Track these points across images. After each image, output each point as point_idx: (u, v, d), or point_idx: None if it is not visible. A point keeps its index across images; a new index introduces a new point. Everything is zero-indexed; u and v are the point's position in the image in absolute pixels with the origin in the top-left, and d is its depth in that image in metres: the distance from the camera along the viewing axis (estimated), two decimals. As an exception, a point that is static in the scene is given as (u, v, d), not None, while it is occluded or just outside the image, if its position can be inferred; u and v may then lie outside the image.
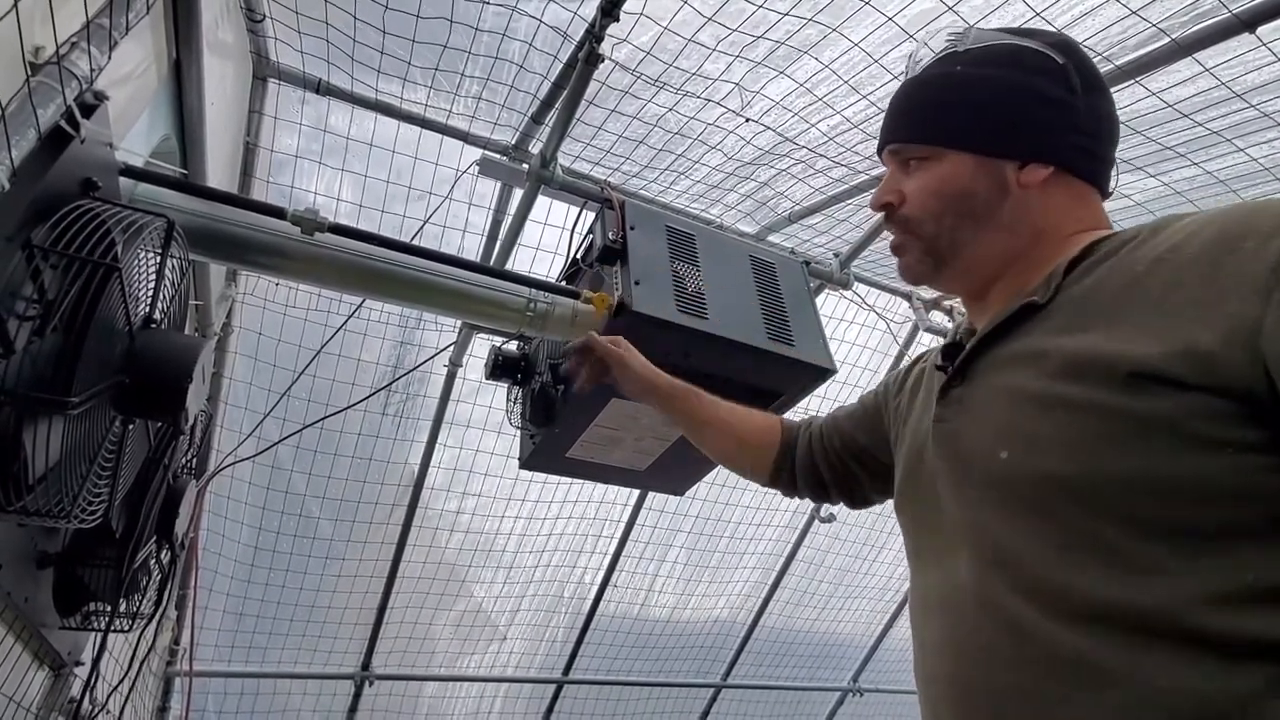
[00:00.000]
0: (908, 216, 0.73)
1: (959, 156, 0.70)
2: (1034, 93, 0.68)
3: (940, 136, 0.71)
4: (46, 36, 0.76)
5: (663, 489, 1.96)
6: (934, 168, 0.71)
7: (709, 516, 3.20)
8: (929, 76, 0.74)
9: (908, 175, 0.74)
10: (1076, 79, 0.68)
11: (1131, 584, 0.50)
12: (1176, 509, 0.50)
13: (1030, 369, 0.60)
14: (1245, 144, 1.61)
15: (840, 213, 2.22)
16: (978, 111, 0.69)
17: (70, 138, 0.80)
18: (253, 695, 2.74)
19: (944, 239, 0.71)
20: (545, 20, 1.54)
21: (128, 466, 1.00)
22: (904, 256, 0.75)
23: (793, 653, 3.72)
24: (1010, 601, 0.56)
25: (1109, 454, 0.52)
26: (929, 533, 0.68)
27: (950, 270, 0.73)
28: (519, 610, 3.13)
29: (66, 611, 1.22)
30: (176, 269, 0.98)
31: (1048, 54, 0.68)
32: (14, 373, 0.70)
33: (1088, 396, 0.54)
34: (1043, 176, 0.67)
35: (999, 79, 0.69)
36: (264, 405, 2.19)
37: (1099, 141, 0.69)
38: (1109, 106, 0.70)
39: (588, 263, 1.56)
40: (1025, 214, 0.68)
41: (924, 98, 0.74)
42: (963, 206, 0.69)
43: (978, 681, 0.57)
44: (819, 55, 1.59)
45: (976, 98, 0.70)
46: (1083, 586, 0.52)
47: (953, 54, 0.73)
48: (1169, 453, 0.50)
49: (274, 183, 1.98)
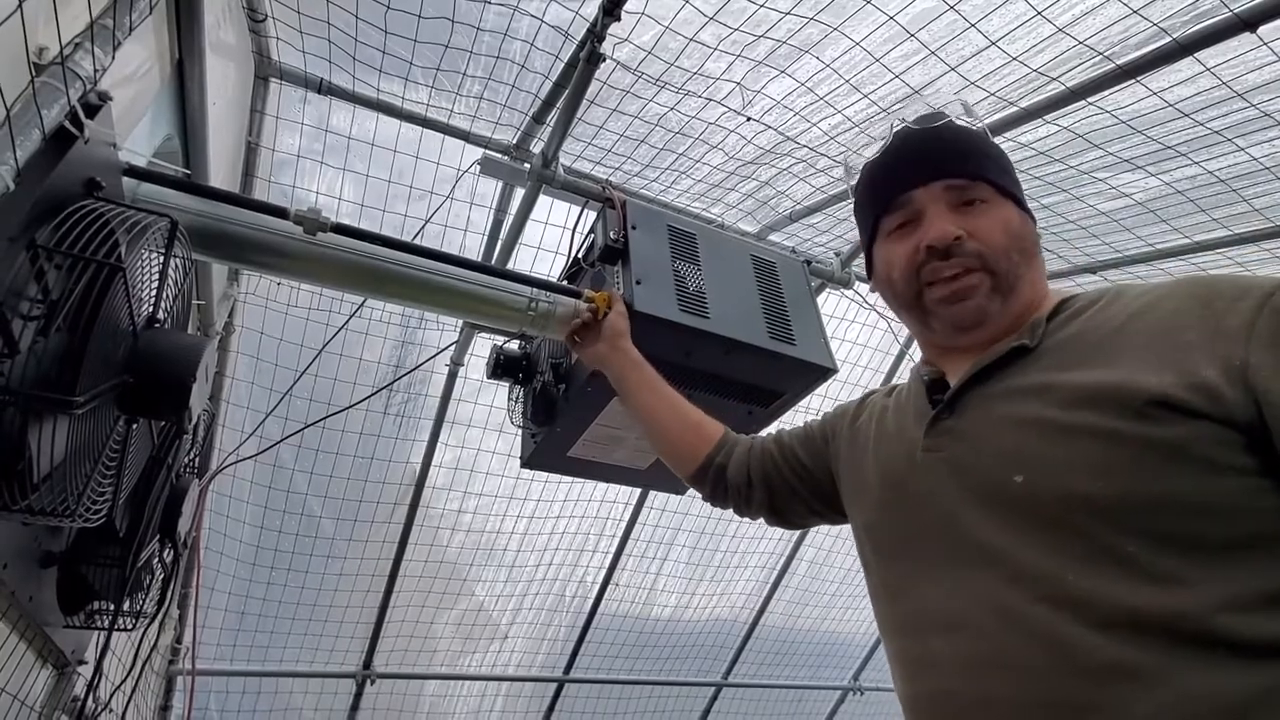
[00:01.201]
0: (983, 251, 0.74)
1: (1012, 205, 0.77)
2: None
3: (1002, 181, 0.77)
4: (50, 37, 0.76)
5: (664, 488, 1.96)
6: (999, 208, 0.76)
7: (711, 516, 3.20)
8: (969, 129, 0.80)
9: (963, 215, 0.76)
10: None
11: (1155, 592, 0.54)
12: (1190, 524, 0.55)
13: (1038, 400, 0.65)
14: (1246, 143, 1.61)
15: (841, 212, 2.22)
16: (1009, 167, 0.80)
17: (74, 138, 0.80)
18: (255, 694, 2.75)
19: (1012, 274, 0.74)
20: (547, 20, 1.54)
21: (131, 466, 1.01)
22: (974, 297, 0.74)
23: (794, 651, 3.72)
24: (1036, 612, 0.59)
25: (1135, 475, 0.57)
26: (920, 555, 0.71)
27: (1007, 309, 0.74)
28: (520, 609, 3.13)
29: (70, 610, 1.22)
30: (180, 269, 0.99)
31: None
32: (19, 372, 0.71)
33: (1108, 424, 0.59)
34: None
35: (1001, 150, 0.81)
36: (266, 404, 2.19)
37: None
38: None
39: (589, 262, 1.56)
40: (1042, 265, 0.78)
41: (974, 145, 0.79)
42: (1023, 245, 0.75)
43: (1005, 695, 0.59)
44: (820, 54, 1.59)
45: (1004, 156, 0.80)
46: (1108, 595, 0.56)
47: (970, 115, 0.83)
48: (1183, 474, 0.56)
49: (276, 182, 1.98)
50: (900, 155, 0.81)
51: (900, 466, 0.77)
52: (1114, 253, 2.12)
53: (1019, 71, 1.54)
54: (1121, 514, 0.57)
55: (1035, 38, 1.45)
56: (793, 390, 1.56)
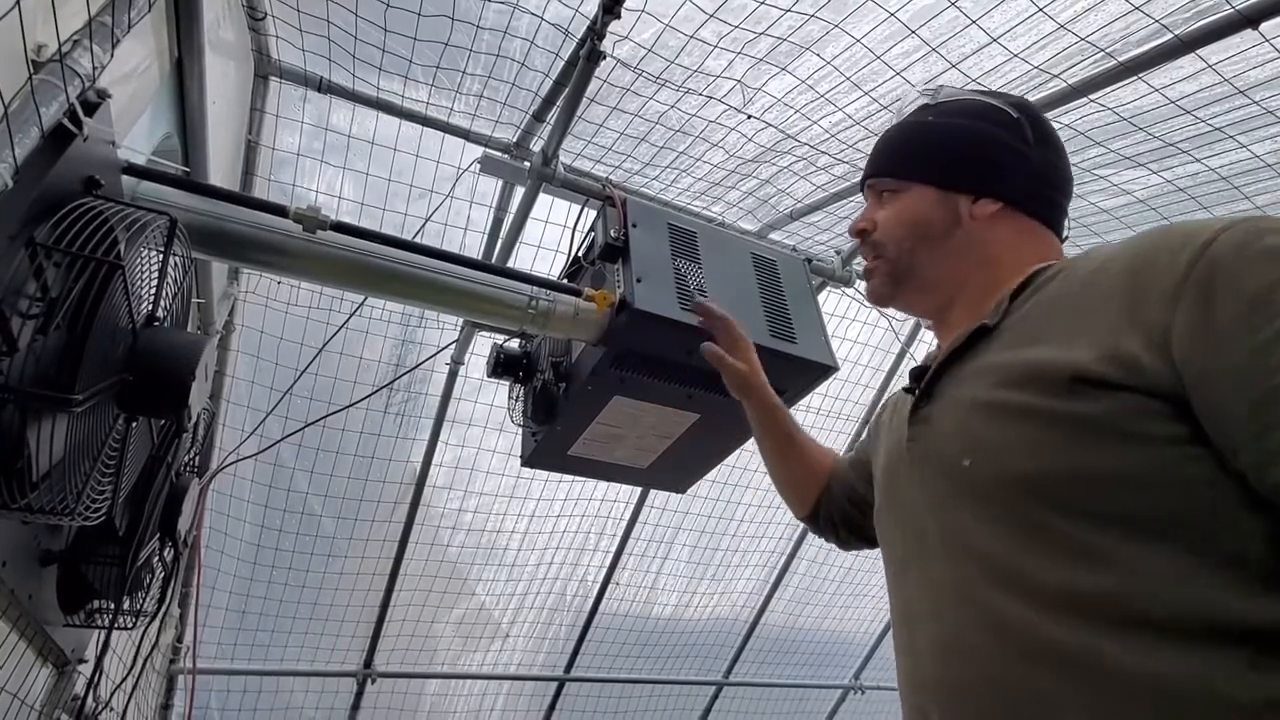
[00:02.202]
0: (876, 241, 0.84)
1: (922, 189, 0.81)
2: (990, 139, 0.79)
3: (907, 171, 0.82)
4: (49, 35, 0.76)
5: (665, 487, 1.96)
6: (901, 198, 0.82)
7: (711, 515, 3.20)
8: (905, 123, 0.86)
9: (880, 206, 0.85)
10: (1030, 132, 0.79)
11: (1086, 572, 0.54)
12: (1116, 499, 0.54)
13: (982, 382, 0.66)
14: (1248, 140, 1.61)
15: (842, 210, 2.21)
16: (940, 151, 0.81)
17: (73, 136, 0.80)
18: (255, 693, 2.75)
19: (903, 261, 0.81)
20: (547, 18, 1.54)
21: (131, 464, 1.00)
22: (871, 280, 0.86)
23: (794, 650, 3.72)
24: (988, 596, 0.60)
25: (1060, 453, 0.57)
26: (910, 547, 0.72)
27: (906, 290, 0.83)
28: (521, 608, 3.13)
29: (70, 609, 1.22)
30: (179, 267, 0.98)
31: (1006, 110, 0.80)
32: (17, 370, 0.70)
33: (1034, 402, 0.59)
34: (991, 211, 0.77)
35: (961, 126, 0.80)
36: (266, 403, 2.19)
37: (1049, 187, 0.79)
38: (1059, 160, 0.81)
39: (589, 260, 1.56)
40: (973, 243, 0.78)
41: (899, 140, 0.86)
42: (920, 232, 0.80)
43: (965, 678, 0.60)
44: (821, 51, 1.58)
45: (940, 140, 0.81)
46: (1045, 575, 0.56)
47: (926, 106, 0.85)
48: (1107, 449, 0.55)
49: (275, 181, 1.98)
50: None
51: (894, 459, 0.79)
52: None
53: (1020, 68, 1.54)
54: (1049, 492, 0.57)
55: (1036, 34, 1.45)
56: (794, 388, 1.55)
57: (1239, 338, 0.51)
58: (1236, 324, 0.51)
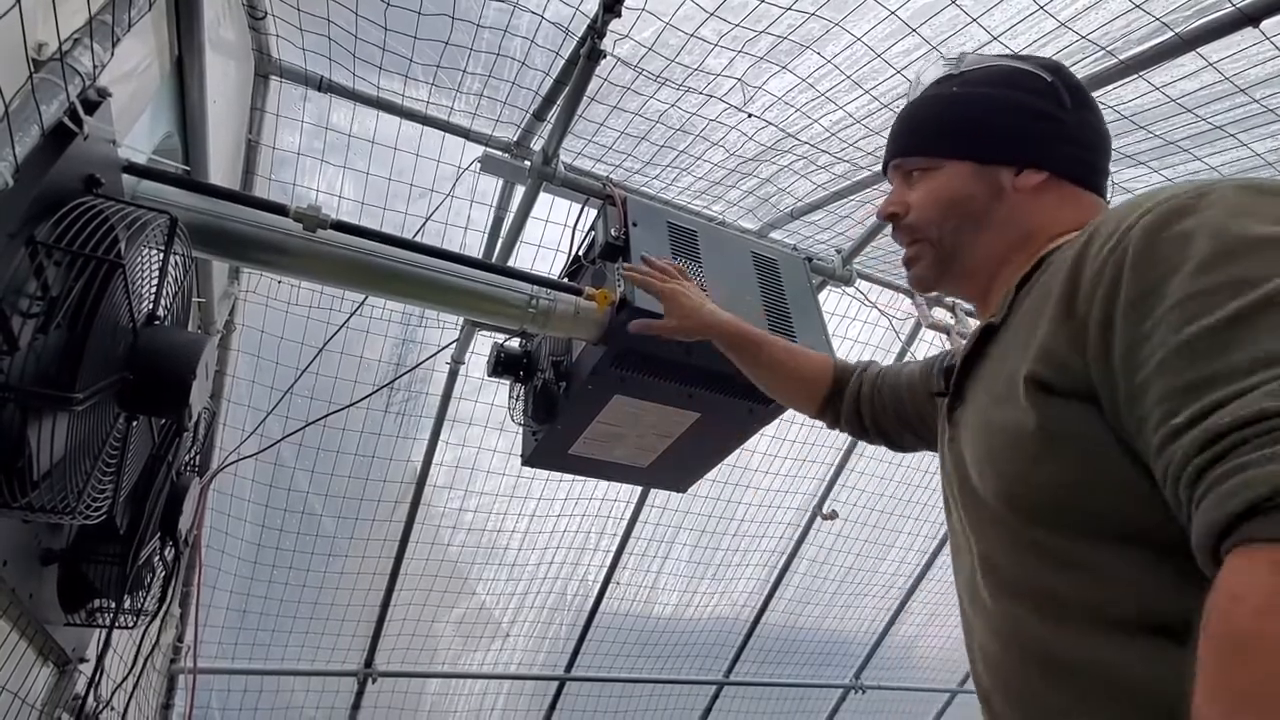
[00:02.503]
0: (913, 224, 0.78)
1: (958, 165, 0.75)
2: (1026, 107, 0.73)
3: (940, 148, 0.77)
4: (49, 33, 0.76)
5: (665, 486, 1.96)
6: (935, 177, 0.77)
7: (712, 514, 3.20)
8: (927, 97, 0.80)
9: (910, 187, 0.79)
10: (1065, 96, 0.73)
11: (1070, 580, 0.54)
12: (1085, 507, 0.53)
13: (984, 392, 0.65)
14: (1249, 138, 1.61)
15: (843, 209, 2.21)
16: (975, 124, 0.75)
17: (73, 134, 0.80)
18: (256, 692, 2.75)
19: (947, 242, 0.76)
20: (547, 17, 1.53)
21: (131, 463, 1.00)
22: (915, 267, 0.80)
23: (795, 650, 3.72)
24: (996, 604, 0.61)
25: (1025, 467, 0.57)
26: (958, 540, 0.73)
27: (955, 273, 0.77)
28: (522, 608, 3.13)
29: (71, 608, 1.22)
30: (179, 266, 0.98)
31: (1038, 74, 0.74)
32: (18, 369, 0.70)
33: (1009, 416, 0.59)
34: (1037, 181, 0.72)
35: (993, 95, 0.75)
36: (266, 403, 2.19)
37: (1090, 151, 0.74)
38: (1098, 122, 0.75)
39: (590, 259, 1.56)
40: (1018, 216, 0.73)
41: (924, 115, 0.80)
42: (963, 210, 0.74)
43: (999, 687, 0.62)
44: (821, 50, 1.58)
45: (973, 112, 0.75)
46: (1035, 584, 0.57)
47: (949, 76, 0.79)
48: (1061, 458, 0.54)
49: (276, 180, 1.98)
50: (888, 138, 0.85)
51: (940, 448, 0.78)
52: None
53: (1021, 67, 1.54)
54: (1026, 505, 0.57)
55: (1037, 33, 1.45)
56: (794, 387, 1.55)
57: (1122, 332, 0.49)
58: (1123, 318, 0.50)
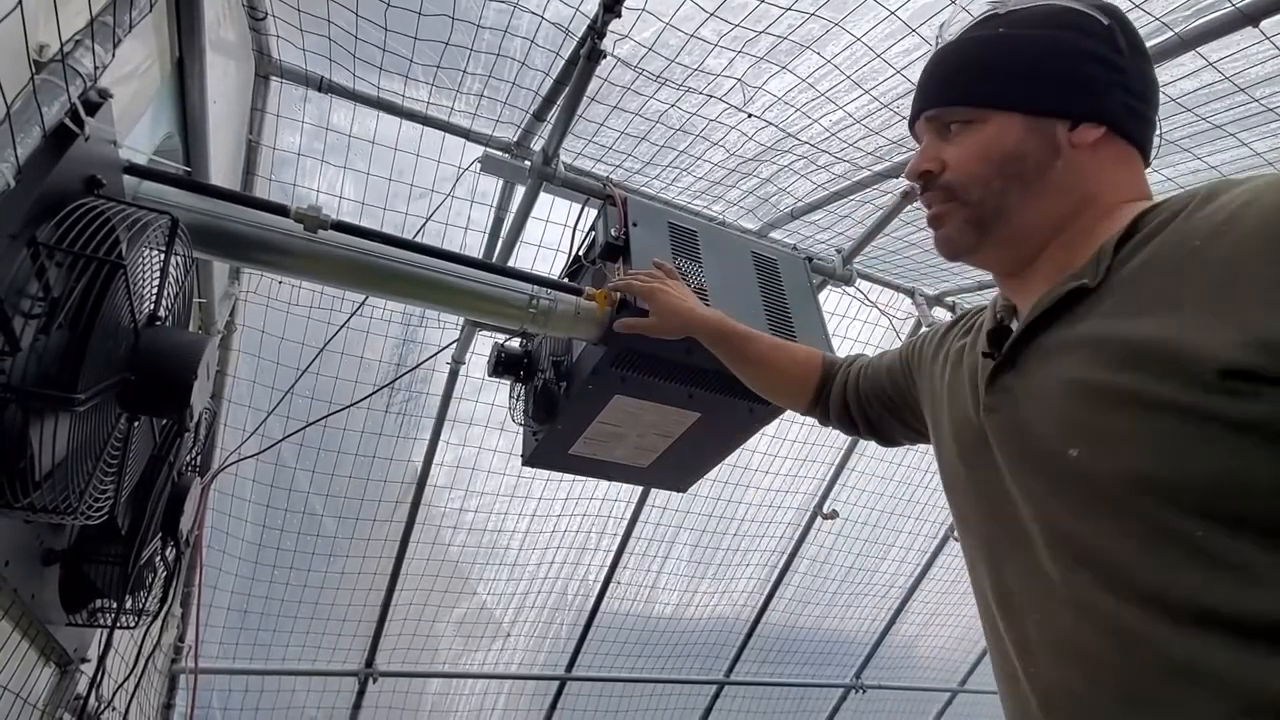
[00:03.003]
0: (951, 182, 0.69)
1: (1007, 117, 0.67)
2: (1082, 51, 0.65)
3: (986, 97, 0.68)
4: (50, 34, 0.76)
5: (666, 486, 1.96)
6: (980, 130, 0.68)
7: (713, 514, 3.20)
8: (969, 39, 0.71)
9: (947, 142, 0.71)
10: (1123, 40, 0.65)
11: (1227, 585, 0.48)
12: (1267, 509, 0.47)
13: (1090, 359, 0.56)
14: (1248, 138, 1.61)
15: (843, 208, 2.21)
16: (1026, 70, 0.66)
17: (74, 135, 0.80)
18: (257, 692, 2.75)
19: (990, 204, 0.67)
20: (547, 17, 1.54)
21: (133, 464, 1.01)
22: (944, 227, 0.71)
23: (796, 650, 3.72)
24: (1104, 602, 0.53)
25: (1198, 454, 0.49)
26: (997, 531, 0.65)
27: (995, 239, 0.69)
28: (522, 608, 3.13)
29: (72, 608, 1.22)
30: (180, 266, 0.99)
31: (1093, 15, 0.66)
32: (20, 370, 0.71)
33: (1167, 394, 0.50)
34: (1095, 136, 0.65)
35: (1045, 38, 0.66)
36: (267, 403, 2.19)
37: (1145, 104, 0.66)
38: (1152, 71, 0.68)
39: (590, 260, 1.56)
40: (1076, 177, 0.65)
41: (965, 60, 0.70)
42: (1012, 169, 0.66)
43: (1087, 687, 0.54)
44: (821, 50, 1.58)
45: (1023, 57, 0.67)
46: (1182, 588, 0.49)
47: (994, 16, 0.70)
48: (1258, 452, 0.47)
49: (276, 180, 1.98)
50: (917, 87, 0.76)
51: (963, 422, 0.71)
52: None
53: (1021, 67, 1.54)
54: (1187, 495, 0.49)
55: (1037, 33, 1.45)
56: (794, 387, 1.55)
57: None
58: None
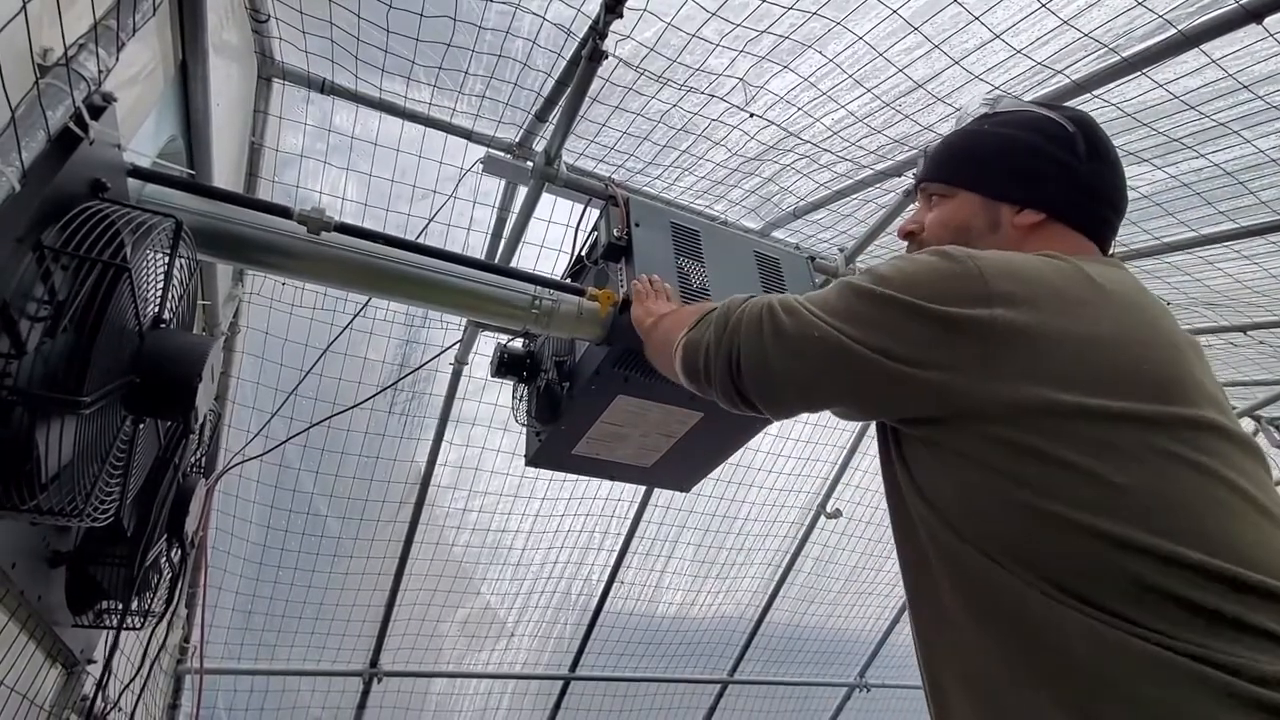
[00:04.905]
0: (925, 241, 0.84)
1: (969, 196, 0.82)
2: (1039, 151, 0.79)
3: (956, 178, 0.84)
4: (54, 38, 0.77)
5: (669, 485, 1.96)
6: (949, 203, 0.84)
7: (716, 513, 3.20)
8: (964, 130, 0.88)
9: (929, 209, 0.87)
10: (1082, 146, 0.78)
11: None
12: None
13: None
14: (1253, 135, 1.60)
15: (845, 207, 2.21)
16: (988, 161, 0.82)
17: (79, 139, 0.81)
18: (262, 692, 2.76)
19: None
20: (549, 18, 1.54)
21: (138, 466, 1.01)
22: None
23: (799, 649, 3.72)
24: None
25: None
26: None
27: None
28: (526, 607, 3.14)
29: (79, 610, 1.23)
30: (185, 269, 0.99)
31: (1060, 123, 0.79)
32: (26, 373, 0.71)
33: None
34: (1033, 221, 0.78)
35: (1012, 137, 0.81)
36: (271, 404, 2.20)
37: (1095, 201, 0.78)
38: (1112, 175, 0.79)
39: (593, 260, 1.56)
40: (1010, 249, 0.75)
41: (952, 146, 0.88)
42: (960, 238, 0.80)
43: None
44: (823, 49, 1.58)
45: (990, 150, 0.82)
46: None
47: (986, 115, 0.86)
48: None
49: (279, 182, 1.98)
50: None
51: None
52: (1121, 246, 2.11)
53: (1023, 65, 1.54)
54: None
55: (1039, 30, 1.45)
56: (797, 387, 1.55)
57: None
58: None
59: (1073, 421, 0.58)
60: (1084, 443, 0.57)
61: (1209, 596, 0.51)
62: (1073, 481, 0.56)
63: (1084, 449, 0.57)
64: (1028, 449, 0.58)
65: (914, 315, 0.64)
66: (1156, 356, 0.62)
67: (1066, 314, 0.62)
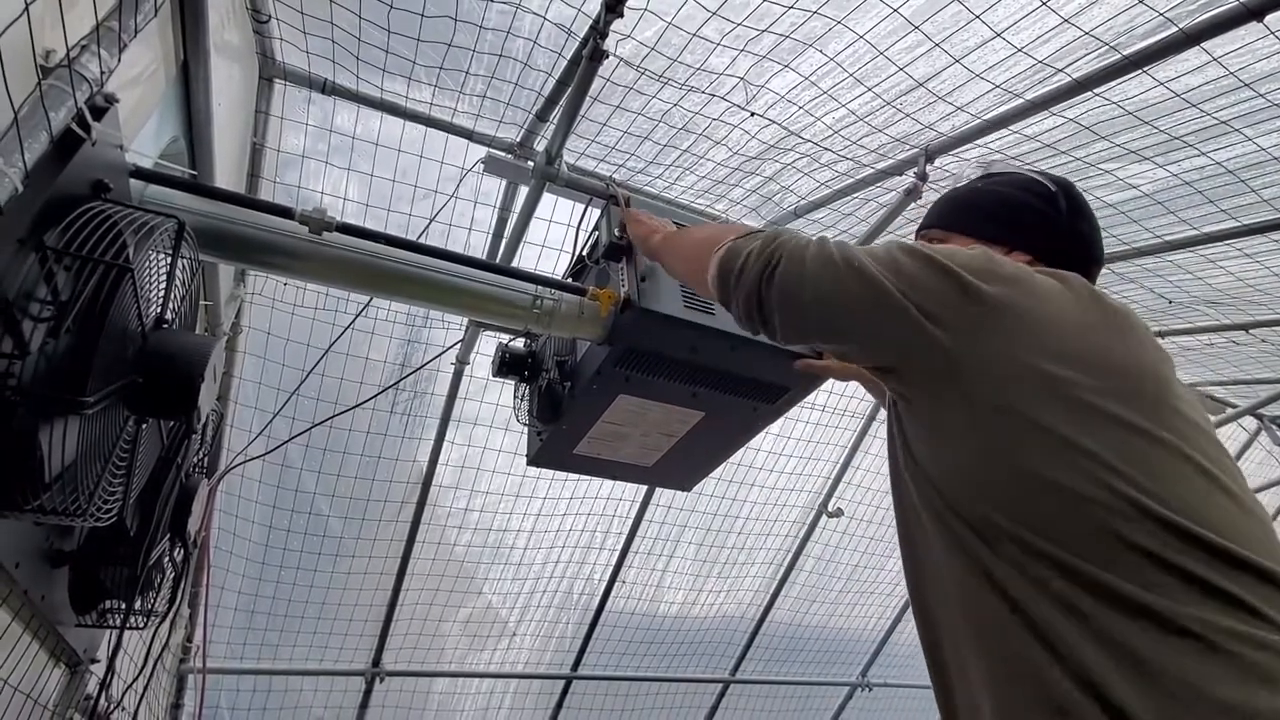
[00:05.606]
0: None
1: (962, 240, 0.93)
2: (1023, 204, 0.91)
3: (951, 223, 0.97)
4: (57, 40, 0.77)
5: (670, 485, 1.96)
6: (945, 245, 0.90)
7: (718, 513, 3.21)
8: (963, 185, 1.01)
9: None
10: (1064, 203, 0.90)
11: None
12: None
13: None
14: (1254, 133, 1.60)
15: (846, 206, 2.21)
16: (979, 209, 0.95)
17: (81, 140, 0.81)
18: (265, 692, 2.77)
19: None
20: (549, 17, 1.54)
21: (141, 466, 1.01)
22: None
23: (801, 648, 3.73)
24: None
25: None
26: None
27: None
28: (528, 607, 3.14)
29: (82, 609, 1.23)
30: (187, 269, 0.99)
31: (1045, 184, 0.92)
32: (29, 373, 0.71)
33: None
34: (1023, 260, 0.86)
35: (1002, 192, 0.94)
36: (273, 404, 2.20)
37: (1077, 248, 0.90)
38: (1089, 230, 0.91)
39: (594, 259, 1.56)
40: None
41: (951, 198, 1.01)
42: None
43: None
44: (823, 48, 1.58)
45: (984, 201, 0.96)
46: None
47: (983, 175, 0.99)
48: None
49: (281, 183, 1.99)
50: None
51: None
52: (1122, 245, 2.11)
53: (1024, 63, 1.53)
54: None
55: (1040, 28, 1.45)
56: (798, 386, 1.55)
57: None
58: None
59: (1059, 389, 0.66)
60: (1066, 412, 0.65)
61: (1184, 558, 0.57)
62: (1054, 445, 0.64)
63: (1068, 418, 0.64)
64: (1012, 411, 0.66)
65: (947, 276, 0.73)
66: (1140, 354, 0.71)
67: (1064, 307, 0.72)
